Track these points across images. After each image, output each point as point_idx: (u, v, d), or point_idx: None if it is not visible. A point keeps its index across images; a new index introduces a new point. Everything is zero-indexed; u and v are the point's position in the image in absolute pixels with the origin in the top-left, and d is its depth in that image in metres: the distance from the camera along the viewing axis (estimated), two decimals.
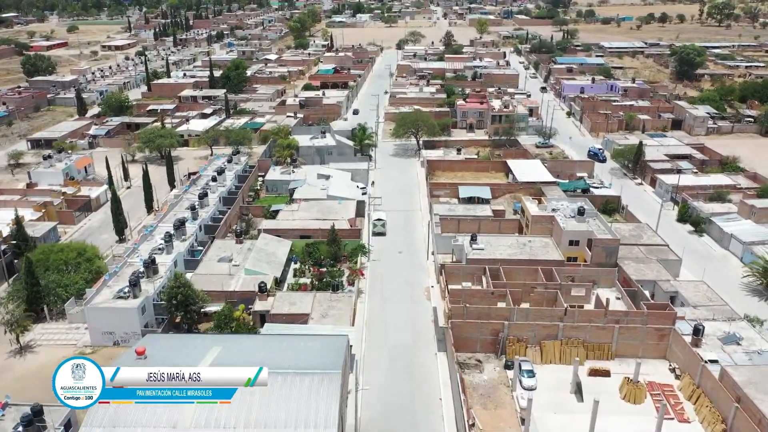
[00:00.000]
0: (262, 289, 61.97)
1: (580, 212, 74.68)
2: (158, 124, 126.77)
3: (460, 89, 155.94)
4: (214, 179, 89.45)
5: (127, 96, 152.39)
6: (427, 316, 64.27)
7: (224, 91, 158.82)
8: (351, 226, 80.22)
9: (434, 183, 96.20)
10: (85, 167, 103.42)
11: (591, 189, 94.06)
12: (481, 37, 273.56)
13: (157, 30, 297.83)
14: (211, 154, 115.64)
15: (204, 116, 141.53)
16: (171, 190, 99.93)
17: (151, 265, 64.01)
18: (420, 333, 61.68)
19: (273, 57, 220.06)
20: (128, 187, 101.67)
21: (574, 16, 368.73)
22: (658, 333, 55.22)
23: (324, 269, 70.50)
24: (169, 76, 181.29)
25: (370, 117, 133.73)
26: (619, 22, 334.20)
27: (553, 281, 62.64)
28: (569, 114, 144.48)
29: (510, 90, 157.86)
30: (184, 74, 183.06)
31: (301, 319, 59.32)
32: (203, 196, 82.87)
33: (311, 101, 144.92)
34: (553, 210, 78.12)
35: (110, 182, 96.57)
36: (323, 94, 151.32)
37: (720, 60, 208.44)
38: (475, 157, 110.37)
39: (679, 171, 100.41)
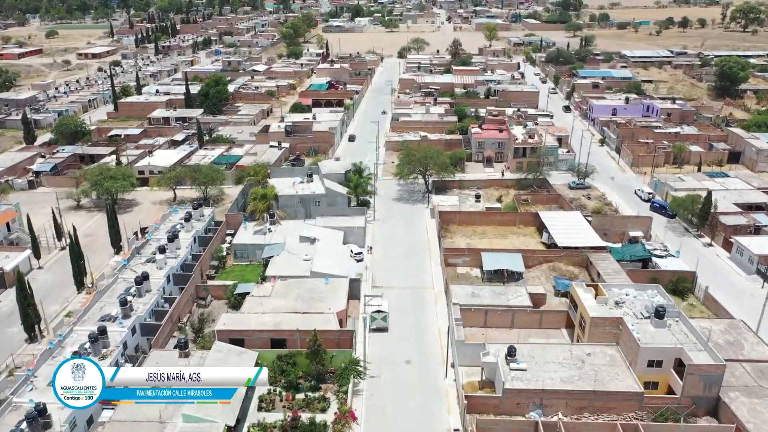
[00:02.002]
0: None
1: (659, 314, 53.65)
2: (113, 158, 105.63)
3: (473, 111, 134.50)
4: (162, 250, 68.02)
5: (83, 120, 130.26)
6: None
7: (201, 112, 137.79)
8: (341, 322, 59.19)
9: (449, 249, 74.99)
10: (8, 223, 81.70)
11: (653, 258, 72.86)
12: (490, 45, 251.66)
13: (139, 36, 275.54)
14: (174, 199, 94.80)
15: (174, 143, 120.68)
16: (115, 253, 78.89)
17: (38, 419, 42.86)
18: None
19: (261, 68, 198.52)
20: (63, 248, 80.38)
21: (587, 20, 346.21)
22: None
23: (302, 396, 50.37)
24: (140, 93, 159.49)
25: (369, 148, 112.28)
26: (636, 27, 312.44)
27: None
28: (602, 142, 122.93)
29: (530, 111, 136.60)
30: (157, 90, 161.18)
31: None
32: (142, 280, 61.46)
33: (299, 127, 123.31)
34: (617, 303, 57.40)
35: (34, 247, 75.89)
36: (314, 117, 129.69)
37: (758, 72, 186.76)
38: (499, 206, 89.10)
39: (757, 229, 79.48)
